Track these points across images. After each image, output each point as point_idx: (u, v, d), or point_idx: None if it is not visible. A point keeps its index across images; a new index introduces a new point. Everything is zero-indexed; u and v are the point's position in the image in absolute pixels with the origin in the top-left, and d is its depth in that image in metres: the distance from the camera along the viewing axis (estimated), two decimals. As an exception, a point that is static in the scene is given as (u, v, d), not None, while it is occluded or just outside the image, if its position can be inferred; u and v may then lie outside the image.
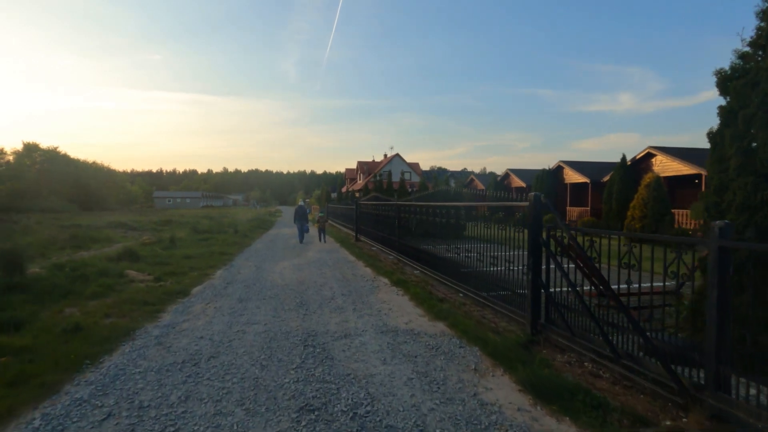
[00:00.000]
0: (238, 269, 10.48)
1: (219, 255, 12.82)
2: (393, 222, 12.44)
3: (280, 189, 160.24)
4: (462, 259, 7.34)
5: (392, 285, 8.25)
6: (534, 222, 4.92)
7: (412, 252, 10.59)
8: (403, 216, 11.27)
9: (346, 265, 11.22)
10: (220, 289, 8.04)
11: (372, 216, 15.66)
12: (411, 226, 11.17)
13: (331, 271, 10.11)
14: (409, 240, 11.03)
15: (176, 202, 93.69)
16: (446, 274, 8.13)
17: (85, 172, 60.91)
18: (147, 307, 6.39)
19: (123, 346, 4.71)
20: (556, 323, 4.78)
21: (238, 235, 19.45)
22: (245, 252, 14.18)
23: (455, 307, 6.40)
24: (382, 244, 14.02)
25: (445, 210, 8.39)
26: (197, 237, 17.47)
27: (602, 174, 25.14)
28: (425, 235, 10.09)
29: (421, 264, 9.75)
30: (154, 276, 8.99)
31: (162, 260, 11.25)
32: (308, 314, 6.16)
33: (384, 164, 52.70)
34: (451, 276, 7.85)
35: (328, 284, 8.49)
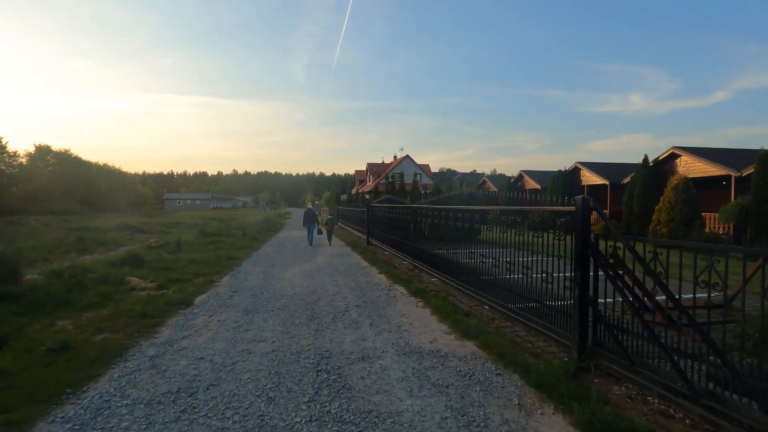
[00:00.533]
0: (245, 276, 9.95)
1: (226, 260, 12.31)
2: (408, 225, 11.82)
3: (289, 191, 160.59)
4: (488, 267, 6.69)
5: (410, 295, 7.62)
6: (582, 229, 4.27)
7: (429, 258, 9.95)
8: (420, 219, 10.64)
9: (359, 271, 10.62)
10: (226, 298, 7.49)
11: (384, 219, 15.06)
12: (425, 229, 10.55)
13: (344, 279, 9.51)
14: (425, 245, 10.40)
15: (186, 204, 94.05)
16: (469, 283, 7.48)
17: (96, 173, 61.19)
18: (145, 321, 5.85)
19: (112, 370, 4.15)
20: (608, 347, 4.11)
21: (247, 238, 18.98)
22: (253, 256, 13.67)
23: (484, 323, 5.75)
24: (395, 249, 13.40)
25: (469, 214, 7.76)
26: (205, 240, 17.03)
27: (622, 175, 24.24)
28: (440, 239, 9.47)
29: (440, 271, 9.12)
30: (157, 283, 8.48)
31: (167, 265, 10.76)
32: (321, 330, 5.56)
33: (394, 166, 52.08)
34: (475, 285, 7.20)
35: (341, 293, 7.89)
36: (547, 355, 4.59)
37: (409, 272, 10.29)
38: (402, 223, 12.51)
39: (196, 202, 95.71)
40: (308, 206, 19.23)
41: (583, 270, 4.26)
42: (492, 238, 6.63)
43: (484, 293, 6.81)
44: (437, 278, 9.21)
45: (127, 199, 71.53)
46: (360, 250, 15.27)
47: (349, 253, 14.61)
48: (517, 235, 5.81)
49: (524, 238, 5.62)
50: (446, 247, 8.86)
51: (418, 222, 10.83)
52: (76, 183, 54.34)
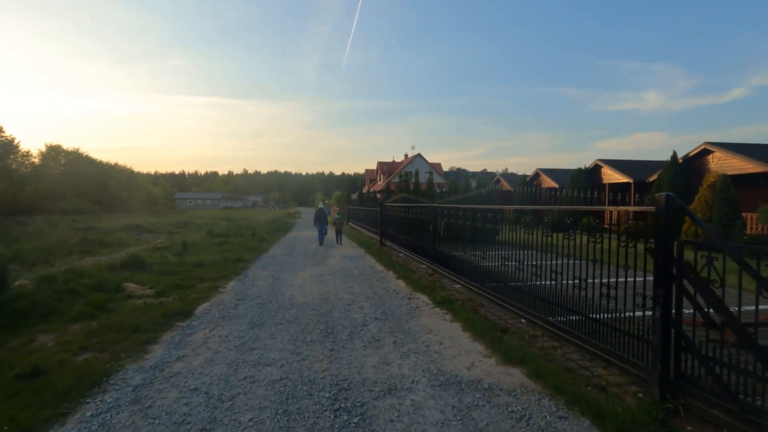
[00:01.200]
0: (252, 281, 9.23)
1: (233, 263, 11.62)
2: (426, 226, 11.01)
3: (299, 190, 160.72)
4: (525, 274, 5.85)
5: (435, 305, 6.80)
6: (666, 234, 3.41)
7: (451, 262, 9.13)
8: (440, 220, 9.82)
9: (375, 276, 9.83)
10: (230, 308, 6.76)
11: (399, 219, 14.25)
12: (445, 230, 9.73)
13: (359, 285, 8.74)
14: (446, 247, 9.58)
15: (197, 204, 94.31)
16: (499, 290, 6.65)
17: (107, 173, 61.41)
18: (136, 336, 5.13)
19: (86, 405, 3.42)
20: (700, 384, 3.26)
21: (255, 238, 18.33)
22: (262, 259, 12.97)
23: (526, 343, 4.91)
24: (411, 251, 12.59)
25: (500, 215, 6.93)
26: (212, 241, 16.41)
27: (646, 173, 23.09)
28: (463, 241, 8.65)
29: (464, 277, 8.29)
30: (156, 290, 7.79)
31: (170, 269, 10.10)
32: (336, 349, 4.78)
33: (405, 164, 51.24)
34: (507, 294, 6.37)
35: (356, 302, 7.11)
36: (614, 387, 3.74)
37: (429, 277, 9.47)
38: (419, 223, 11.69)
39: (206, 202, 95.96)
40: (319, 206, 19.01)
41: (666, 285, 3.41)
42: (527, 241, 5.80)
43: (520, 304, 5.98)
44: (461, 284, 8.39)
45: (138, 199, 71.82)
46: (373, 252, 14.50)
47: (362, 255, 13.83)
48: (567, 239, 4.96)
49: (574, 242, 4.77)
50: (471, 250, 8.03)
51: (437, 222, 10.01)
52: (87, 182, 54.51)
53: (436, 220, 10.08)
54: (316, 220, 17.61)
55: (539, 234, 5.63)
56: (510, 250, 6.40)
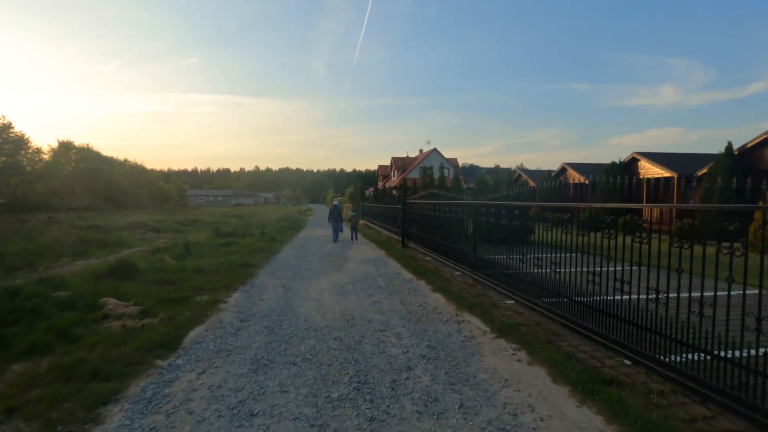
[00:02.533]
0: (260, 292, 7.73)
1: (239, 268, 10.15)
2: (462, 226, 9.40)
3: (310, 187, 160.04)
4: (606, 288, 4.21)
5: (496, 335, 5.18)
6: None
7: (498, 270, 7.50)
8: (483, 220, 8.18)
9: (405, 286, 8.25)
10: (229, 334, 5.25)
11: (426, 218, 12.64)
12: (481, 231, 8.11)
13: (388, 299, 7.17)
14: (490, 252, 7.96)
15: (208, 201, 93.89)
16: (575, 312, 5.03)
17: (118, 170, 60.91)
18: (92, 388, 3.63)
19: None
20: None
21: (266, 238, 16.89)
22: (272, 262, 11.49)
23: (665, 412, 3.27)
24: (441, 255, 10.98)
25: (570, 213, 5.30)
26: (218, 242, 15.00)
27: (690, 167, 21.07)
28: (505, 244, 7.04)
29: (518, 290, 6.66)
30: (143, 306, 6.32)
31: (166, 276, 8.67)
32: (378, 418, 3.21)
33: (421, 159, 49.50)
34: (588, 318, 4.74)
35: (390, 327, 5.54)
36: None
37: (470, 289, 7.86)
38: (453, 223, 10.07)
39: (218, 199, 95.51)
40: (334, 203, 18.70)
41: None
42: (591, 245, 4.15)
43: (610, 333, 4.36)
44: (514, 299, 6.77)
45: (149, 196, 71.43)
46: (396, 254, 12.92)
47: (384, 259, 12.27)
48: (639, 242, 3.31)
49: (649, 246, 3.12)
50: (526, 255, 6.39)
51: (478, 222, 8.37)
52: (98, 179, 53.99)
53: (478, 220, 8.44)
54: (330, 217, 17.40)
55: (618, 236, 3.98)
56: (575, 255, 4.76)
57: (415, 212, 14.29)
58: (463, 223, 9.27)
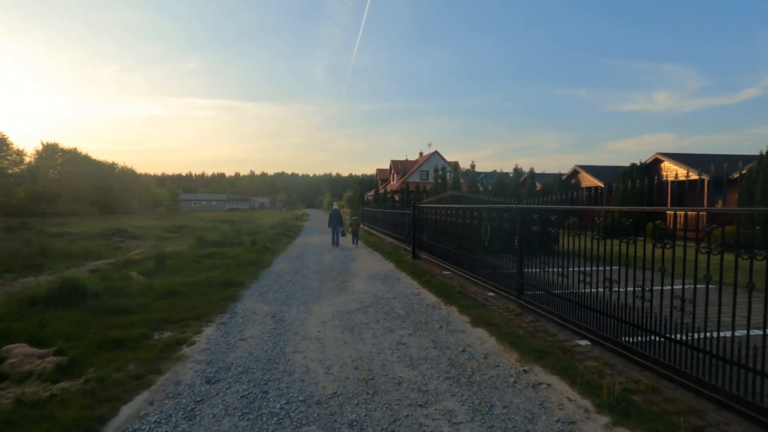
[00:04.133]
0: (241, 326, 5.81)
1: (220, 288, 8.21)
2: (502, 236, 7.55)
3: (306, 192, 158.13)
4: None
5: (611, 419, 3.27)
6: None
7: (559, 298, 5.63)
8: (537, 229, 6.30)
9: (432, 315, 6.35)
10: (180, 418, 3.32)
11: (444, 225, 10.77)
12: (533, 245, 6.24)
13: (415, 337, 5.27)
14: (538, 270, 6.08)
15: (202, 205, 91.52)
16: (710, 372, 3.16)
17: (107, 174, 58.62)
18: None
19: None
20: None
21: (257, 248, 14.94)
22: (262, 279, 9.55)
23: None
24: (468, 271, 9.10)
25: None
26: (201, 252, 13.02)
27: (722, 169, 19.36)
28: (546, 257, 5.18)
29: (591, 327, 4.79)
30: (67, 357, 4.37)
31: (121, 303, 6.72)
32: None
33: (421, 162, 47.76)
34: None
35: (434, 399, 3.63)
36: None
37: (518, 319, 5.99)
38: (484, 232, 8.19)
39: (211, 203, 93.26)
40: (334, 207, 18.34)
41: None
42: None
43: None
44: (588, 340, 4.90)
45: (140, 201, 69.18)
46: (407, 267, 11.04)
47: (395, 273, 10.37)
48: None
49: None
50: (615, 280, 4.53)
51: (530, 233, 6.49)
52: (85, 183, 51.71)
53: (526, 229, 6.56)
54: (331, 221, 17.19)
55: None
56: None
57: (427, 218, 12.41)
58: (502, 233, 7.40)
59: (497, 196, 9.29)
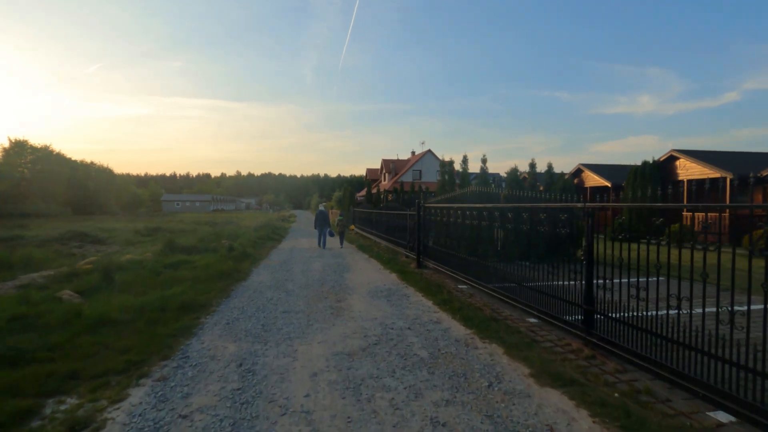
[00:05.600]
0: (188, 388, 3.81)
1: (174, 315, 6.18)
2: (548, 243, 5.69)
3: (294, 192, 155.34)
4: None
5: None
6: None
7: (658, 339, 3.77)
8: (623, 237, 4.44)
9: (470, 362, 4.43)
10: None
11: (459, 228, 8.88)
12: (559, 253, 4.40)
13: (460, 412, 3.34)
14: (615, 294, 4.23)
15: (185, 206, 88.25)
16: None
17: (82, 173, 55.55)
18: None
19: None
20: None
21: (234, 254, 12.86)
22: (234, 298, 7.54)
23: None
24: (500, 291, 7.22)
25: None
26: (165, 262, 10.90)
27: (747, 166, 17.94)
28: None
29: (724, 389, 2.93)
30: None
31: (21, 343, 4.69)
32: None
33: (414, 162, 45.96)
34: None
35: None
36: None
37: (592, 365, 4.12)
38: (524, 239, 6.32)
39: (195, 204, 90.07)
40: (320, 208, 17.89)
41: None
42: None
43: None
44: (732, 412, 3.02)
45: (119, 201, 66.03)
46: (414, 279, 9.14)
47: (401, 288, 8.45)
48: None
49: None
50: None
51: (588, 242, 4.62)
52: (57, 183, 48.64)
53: (589, 239, 4.69)
54: (317, 222, 16.87)
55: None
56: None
57: (436, 220, 10.52)
58: (549, 239, 5.53)
59: (513, 198, 7.49)
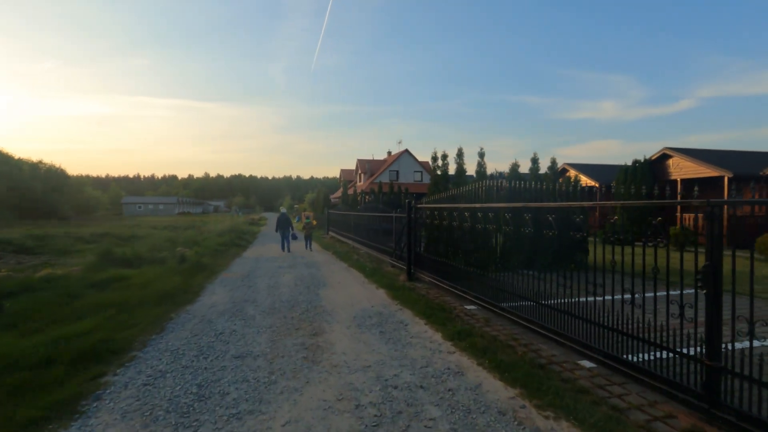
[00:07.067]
0: None
1: (65, 372, 4.08)
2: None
3: (265, 195, 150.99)
4: None
5: None
6: None
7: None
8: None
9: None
10: None
11: (465, 234, 7.12)
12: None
13: None
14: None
15: (148, 209, 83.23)
16: None
17: (28, 174, 50.79)
18: None
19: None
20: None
21: (186, 266, 10.64)
22: (168, 334, 5.46)
23: None
24: (517, 311, 5.48)
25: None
26: (94, 278, 8.60)
27: (744, 165, 17.17)
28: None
29: None
30: None
31: None
32: None
33: (391, 162, 44.28)
34: None
35: None
36: None
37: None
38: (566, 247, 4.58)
39: (159, 207, 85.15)
40: (282, 210, 17.91)
41: None
42: None
43: None
44: None
45: (73, 204, 61.09)
46: (409, 299, 7.30)
47: (395, 312, 6.59)
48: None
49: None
50: None
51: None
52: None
53: (716, 254, 3.00)
54: (278, 226, 16.61)
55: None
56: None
57: (431, 224, 8.74)
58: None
59: (514, 199, 5.90)
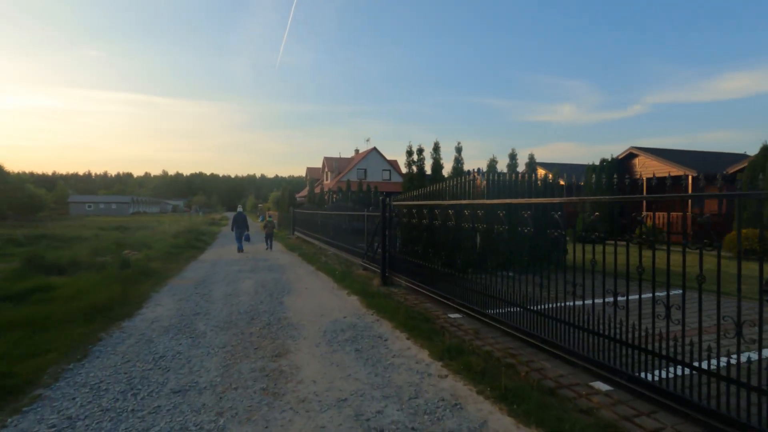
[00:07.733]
0: None
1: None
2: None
3: (228, 194, 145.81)
4: None
5: None
6: None
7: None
8: None
9: None
10: None
11: (450, 232, 6.39)
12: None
13: None
14: None
15: (99, 209, 77.85)
16: None
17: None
18: None
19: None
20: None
21: (128, 272, 9.32)
22: (90, 362, 4.36)
23: None
24: (510, 321, 4.79)
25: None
26: (14, 288, 7.20)
27: (707, 165, 17.56)
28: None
29: None
30: None
31: None
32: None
33: (358, 161, 43.37)
34: None
35: None
36: None
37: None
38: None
39: (111, 207, 79.91)
40: (238, 209, 17.53)
41: None
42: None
43: None
44: None
45: (12, 203, 56.16)
46: (385, 307, 6.49)
47: (370, 323, 5.76)
48: None
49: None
50: None
51: None
52: None
53: None
54: (234, 225, 16.40)
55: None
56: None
57: (409, 223, 7.97)
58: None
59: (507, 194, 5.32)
